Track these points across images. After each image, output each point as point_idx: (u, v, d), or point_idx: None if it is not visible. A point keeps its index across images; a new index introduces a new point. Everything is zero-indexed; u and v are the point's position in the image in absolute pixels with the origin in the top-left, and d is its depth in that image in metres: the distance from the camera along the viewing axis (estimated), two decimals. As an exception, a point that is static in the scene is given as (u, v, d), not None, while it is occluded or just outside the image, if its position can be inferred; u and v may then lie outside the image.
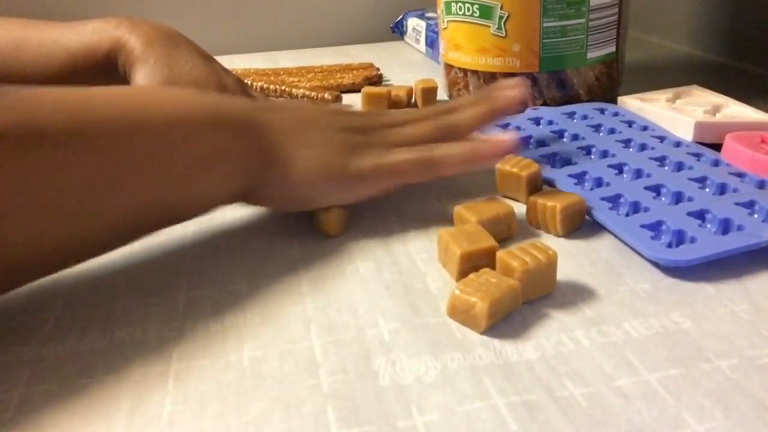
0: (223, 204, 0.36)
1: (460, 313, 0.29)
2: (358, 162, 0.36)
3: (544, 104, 0.55)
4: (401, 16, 0.87)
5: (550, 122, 0.50)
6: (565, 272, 0.33)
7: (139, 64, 0.47)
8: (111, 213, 0.30)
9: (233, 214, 0.40)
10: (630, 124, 0.49)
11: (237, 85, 0.50)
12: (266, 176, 0.35)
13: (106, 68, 0.49)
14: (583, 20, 0.53)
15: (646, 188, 0.39)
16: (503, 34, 0.53)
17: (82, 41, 0.48)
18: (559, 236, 0.36)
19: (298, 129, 0.37)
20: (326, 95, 0.61)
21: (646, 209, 0.37)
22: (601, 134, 0.48)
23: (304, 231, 0.38)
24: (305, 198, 0.36)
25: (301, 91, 0.62)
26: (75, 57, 0.48)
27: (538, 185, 0.40)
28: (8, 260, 0.28)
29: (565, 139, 0.48)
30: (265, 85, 0.63)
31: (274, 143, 0.35)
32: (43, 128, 0.27)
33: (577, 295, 0.31)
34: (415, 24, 0.82)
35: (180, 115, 0.33)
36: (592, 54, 0.55)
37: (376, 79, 0.67)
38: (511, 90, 0.42)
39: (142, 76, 0.47)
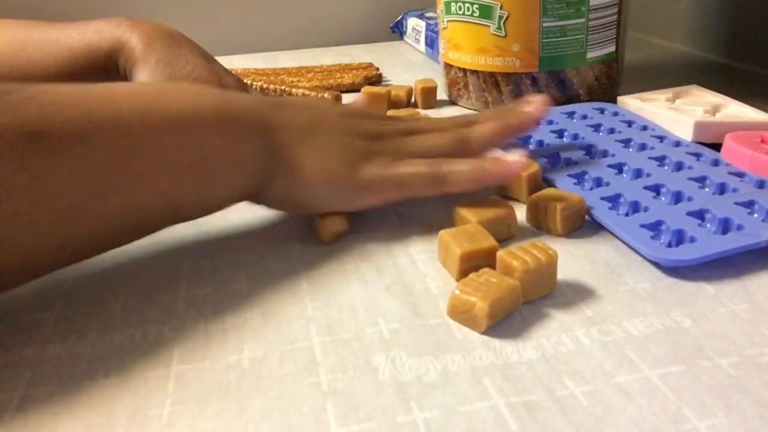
0: (231, 203, 0.35)
1: (460, 313, 0.29)
2: (364, 171, 0.36)
3: (544, 104, 0.55)
4: (401, 16, 0.87)
5: (550, 122, 0.50)
6: (565, 272, 0.33)
7: (141, 63, 0.47)
8: (116, 211, 0.30)
9: (233, 214, 0.40)
10: (630, 123, 0.49)
11: (237, 85, 0.50)
12: (273, 178, 0.35)
13: (108, 68, 0.49)
14: (582, 20, 0.53)
15: (646, 188, 0.39)
16: (503, 34, 0.53)
17: (83, 41, 0.49)
18: (559, 236, 0.36)
19: (308, 131, 0.36)
20: (326, 95, 0.61)
21: (646, 209, 0.37)
22: (600, 134, 0.48)
23: (304, 231, 0.38)
24: (309, 202, 0.36)
25: (300, 91, 0.62)
26: (77, 57, 0.49)
27: (538, 185, 0.40)
28: (11, 258, 0.28)
29: (565, 139, 0.48)
30: (265, 85, 0.63)
31: (283, 144, 0.35)
32: (46, 127, 0.27)
33: (577, 294, 0.31)
34: (414, 24, 0.82)
35: (187, 114, 0.32)
36: (592, 54, 0.55)
37: (376, 79, 0.67)
38: (530, 107, 0.42)
39: (144, 76, 0.47)
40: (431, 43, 0.76)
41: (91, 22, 0.49)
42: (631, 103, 0.52)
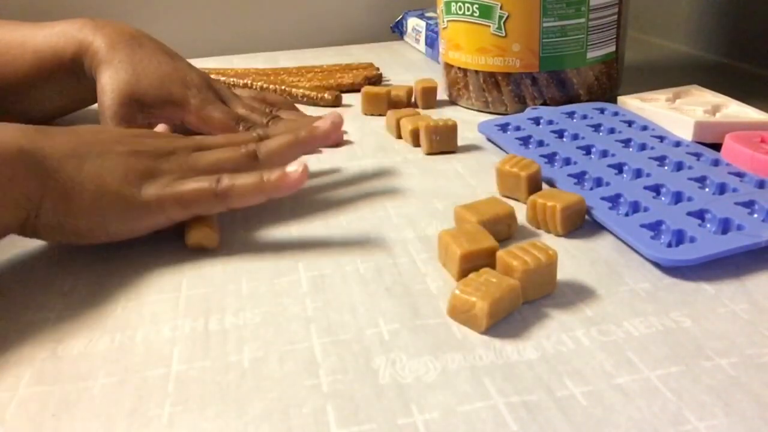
0: (3, 236, 0.33)
1: (460, 313, 0.29)
2: (144, 191, 0.35)
3: (544, 104, 0.55)
4: (401, 16, 0.87)
5: (550, 122, 0.50)
6: (565, 272, 0.33)
7: (104, 65, 0.48)
8: None
9: (232, 214, 0.40)
10: (630, 123, 0.49)
11: (202, 80, 0.50)
12: (40, 207, 0.33)
13: (73, 69, 0.50)
14: (582, 20, 0.53)
15: (646, 188, 0.39)
16: (503, 34, 0.53)
17: (48, 44, 0.49)
18: (559, 236, 0.36)
19: (80, 154, 0.35)
20: (326, 95, 0.61)
21: (646, 209, 0.37)
22: (600, 134, 0.48)
23: (304, 231, 0.38)
24: (87, 229, 0.34)
25: (301, 91, 0.62)
26: (42, 60, 0.50)
27: (538, 185, 0.40)
28: None
29: (565, 139, 0.48)
30: (265, 85, 0.63)
31: (49, 170, 0.33)
32: None
33: (577, 294, 0.31)
34: (414, 24, 0.82)
35: None
36: (592, 54, 0.55)
37: (376, 79, 0.67)
38: (322, 122, 0.41)
39: (108, 76, 0.47)
40: (431, 43, 0.76)
41: (56, 23, 0.50)
42: (631, 103, 0.52)
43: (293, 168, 0.36)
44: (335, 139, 0.45)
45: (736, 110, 0.49)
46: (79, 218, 0.34)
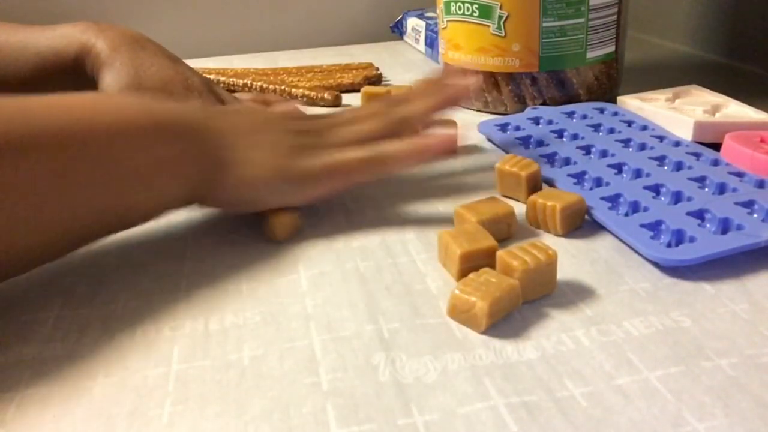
0: (174, 208, 0.36)
1: (460, 312, 0.29)
2: (307, 162, 0.37)
3: (544, 104, 0.55)
4: (401, 16, 0.87)
5: (550, 122, 0.50)
6: (565, 272, 0.33)
7: (106, 67, 0.48)
8: (54, 223, 0.30)
9: (233, 214, 0.40)
10: (629, 123, 0.49)
11: (203, 84, 0.51)
12: (216, 179, 0.35)
13: (75, 71, 0.50)
14: (582, 20, 0.53)
15: (646, 188, 0.39)
16: (503, 34, 0.53)
17: (51, 46, 0.50)
18: (559, 236, 0.36)
19: (246, 132, 0.37)
20: (326, 95, 0.61)
21: (646, 209, 0.37)
22: (600, 134, 0.48)
23: (304, 230, 0.38)
24: (257, 199, 0.37)
25: (301, 91, 0.62)
26: (44, 61, 0.50)
27: (538, 185, 0.40)
28: None
29: (564, 139, 0.48)
30: (265, 85, 0.63)
31: (221, 146, 0.36)
32: None
33: (577, 294, 0.31)
34: (414, 24, 0.82)
35: (122, 126, 0.32)
36: (592, 54, 0.55)
37: (376, 79, 0.67)
38: (462, 79, 0.43)
39: (110, 79, 0.48)
40: (431, 43, 0.76)
41: (59, 26, 0.51)
42: (631, 103, 0.52)
43: (447, 130, 0.38)
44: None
45: (736, 110, 0.49)
46: (251, 188, 0.36)
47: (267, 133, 0.38)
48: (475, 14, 0.54)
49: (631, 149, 0.45)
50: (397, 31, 0.88)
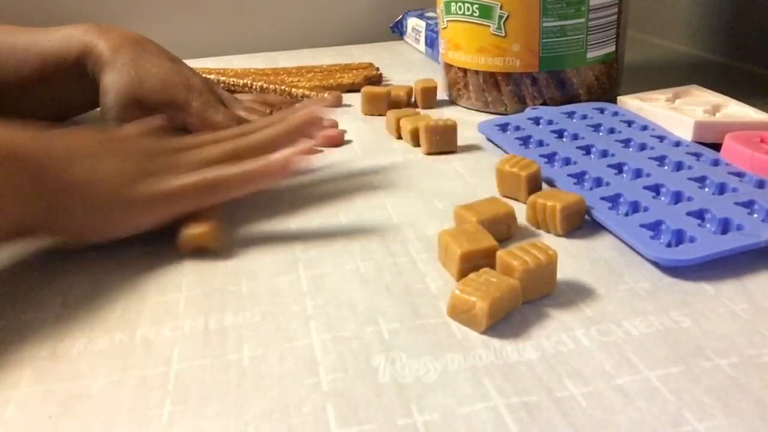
0: (9, 240, 0.34)
1: (460, 312, 0.29)
2: (135, 190, 0.35)
3: (544, 104, 0.55)
4: (401, 16, 0.87)
5: (550, 122, 0.50)
6: (565, 272, 0.33)
7: (107, 67, 0.49)
8: None
9: (231, 214, 0.40)
10: (629, 123, 0.49)
11: (204, 85, 0.51)
12: (54, 207, 0.33)
13: (77, 72, 0.50)
14: (582, 20, 0.53)
15: (646, 188, 0.39)
16: (503, 34, 0.53)
17: (53, 47, 0.50)
18: (559, 236, 0.36)
19: (70, 156, 0.35)
20: (326, 95, 0.61)
21: (646, 209, 0.37)
22: (600, 134, 0.48)
23: (304, 230, 0.38)
24: (81, 230, 0.35)
25: (301, 91, 0.62)
26: (47, 62, 0.50)
27: (538, 185, 0.40)
28: None
29: (564, 139, 0.48)
30: (265, 85, 0.63)
31: (60, 172, 0.34)
32: None
33: (577, 294, 0.31)
34: (414, 24, 0.82)
35: None
36: (592, 54, 0.55)
37: (376, 79, 0.67)
38: (308, 109, 0.42)
39: (111, 78, 0.48)
40: (431, 43, 0.76)
41: (61, 28, 0.51)
42: (631, 103, 0.52)
43: (277, 156, 0.36)
44: (335, 139, 0.45)
45: (736, 110, 0.49)
46: (72, 219, 0.34)
47: (92, 158, 0.36)
48: (475, 14, 0.54)
49: (631, 149, 0.45)
50: (397, 31, 0.88)
